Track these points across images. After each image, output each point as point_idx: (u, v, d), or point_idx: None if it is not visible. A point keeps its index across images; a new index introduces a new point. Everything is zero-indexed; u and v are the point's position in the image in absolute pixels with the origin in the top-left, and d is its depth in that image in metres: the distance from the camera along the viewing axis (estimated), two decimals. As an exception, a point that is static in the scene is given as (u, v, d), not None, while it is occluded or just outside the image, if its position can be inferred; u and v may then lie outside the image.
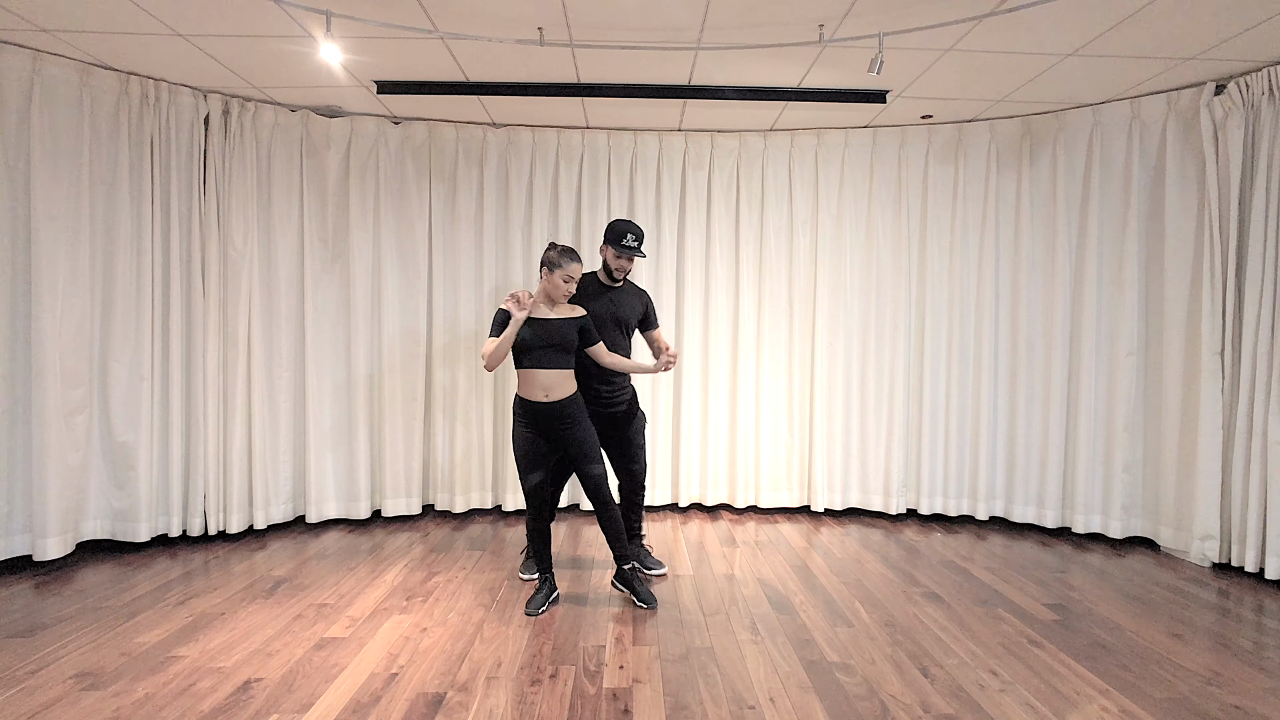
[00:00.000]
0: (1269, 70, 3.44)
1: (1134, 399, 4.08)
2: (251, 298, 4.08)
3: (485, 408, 4.56)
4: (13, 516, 3.46)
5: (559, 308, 3.08)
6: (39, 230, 3.42)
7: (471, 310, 4.55)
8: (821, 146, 4.62)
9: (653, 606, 3.08)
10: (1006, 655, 2.66)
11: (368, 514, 4.46)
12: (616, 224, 3.22)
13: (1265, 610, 3.15)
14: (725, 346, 4.73)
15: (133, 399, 3.77)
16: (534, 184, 4.57)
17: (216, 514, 3.98)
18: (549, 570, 3.14)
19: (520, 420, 3.08)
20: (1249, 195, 3.59)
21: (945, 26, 3.08)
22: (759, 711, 2.25)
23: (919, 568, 3.67)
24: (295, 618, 2.95)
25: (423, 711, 2.23)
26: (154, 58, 3.51)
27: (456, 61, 3.58)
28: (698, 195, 4.71)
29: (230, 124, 4.00)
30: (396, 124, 4.43)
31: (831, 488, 4.68)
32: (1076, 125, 4.17)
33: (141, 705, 2.25)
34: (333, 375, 4.39)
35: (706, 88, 3.90)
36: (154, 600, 3.13)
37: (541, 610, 3.02)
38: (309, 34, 3.23)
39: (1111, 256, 4.14)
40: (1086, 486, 4.18)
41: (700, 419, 4.72)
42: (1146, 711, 2.27)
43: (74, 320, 3.56)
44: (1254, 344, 3.52)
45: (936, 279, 4.55)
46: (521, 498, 4.59)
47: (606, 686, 2.39)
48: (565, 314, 3.07)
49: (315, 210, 4.32)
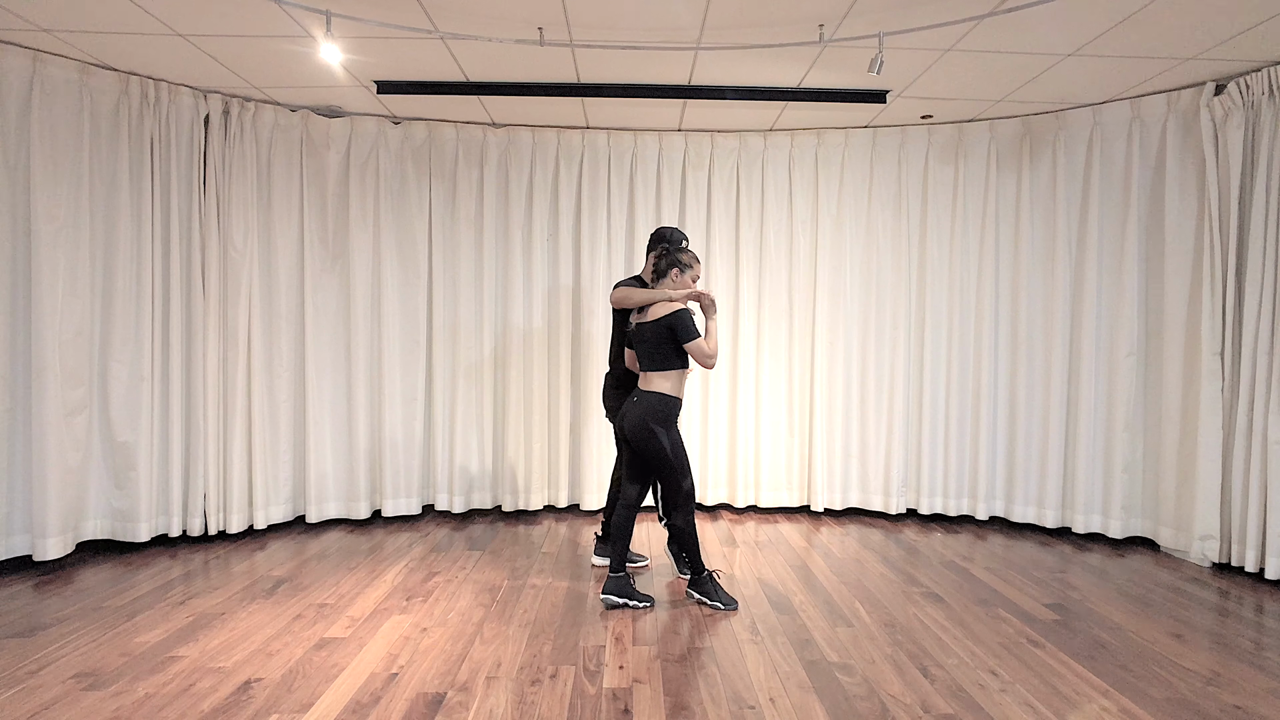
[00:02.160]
0: (1269, 70, 3.44)
1: (1134, 399, 4.08)
2: (251, 298, 4.08)
3: (486, 408, 4.56)
4: (13, 516, 3.46)
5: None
6: (39, 230, 3.42)
7: (472, 310, 4.55)
8: (821, 146, 4.62)
9: (733, 608, 3.08)
10: (1006, 655, 2.66)
11: (368, 514, 4.46)
12: (662, 231, 3.36)
13: (1265, 610, 3.15)
14: (725, 346, 4.72)
15: (133, 399, 3.77)
16: (534, 184, 4.57)
17: (216, 514, 3.98)
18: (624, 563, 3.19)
19: (675, 423, 3.07)
20: (1249, 195, 3.58)
21: (945, 26, 3.08)
22: (759, 711, 2.25)
23: (919, 568, 3.67)
24: (295, 618, 2.95)
25: (423, 711, 2.23)
26: (154, 58, 3.51)
27: (456, 61, 3.58)
28: (698, 195, 4.71)
29: (230, 124, 4.00)
30: (396, 124, 4.43)
31: (831, 487, 4.68)
32: (1076, 125, 4.17)
33: (141, 705, 2.25)
34: (333, 375, 4.39)
35: (706, 88, 3.90)
36: (154, 600, 3.13)
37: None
38: (309, 34, 3.23)
39: (1111, 256, 4.14)
40: (1086, 486, 4.18)
41: (700, 419, 4.72)
42: (1146, 711, 2.27)
43: (74, 320, 3.56)
44: (1254, 344, 3.52)
45: (936, 279, 4.55)
46: (523, 500, 4.59)
47: (606, 686, 2.39)
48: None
49: (315, 210, 4.32)
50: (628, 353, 3.38)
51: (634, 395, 3.09)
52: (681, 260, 3.10)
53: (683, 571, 3.48)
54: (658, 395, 3.01)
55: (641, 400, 3.03)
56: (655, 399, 3.01)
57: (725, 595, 3.09)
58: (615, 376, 3.46)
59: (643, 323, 3.06)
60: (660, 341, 3.00)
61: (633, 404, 3.06)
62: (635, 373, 3.41)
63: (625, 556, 3.13)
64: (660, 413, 3.00)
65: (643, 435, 2.99)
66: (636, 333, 3.08)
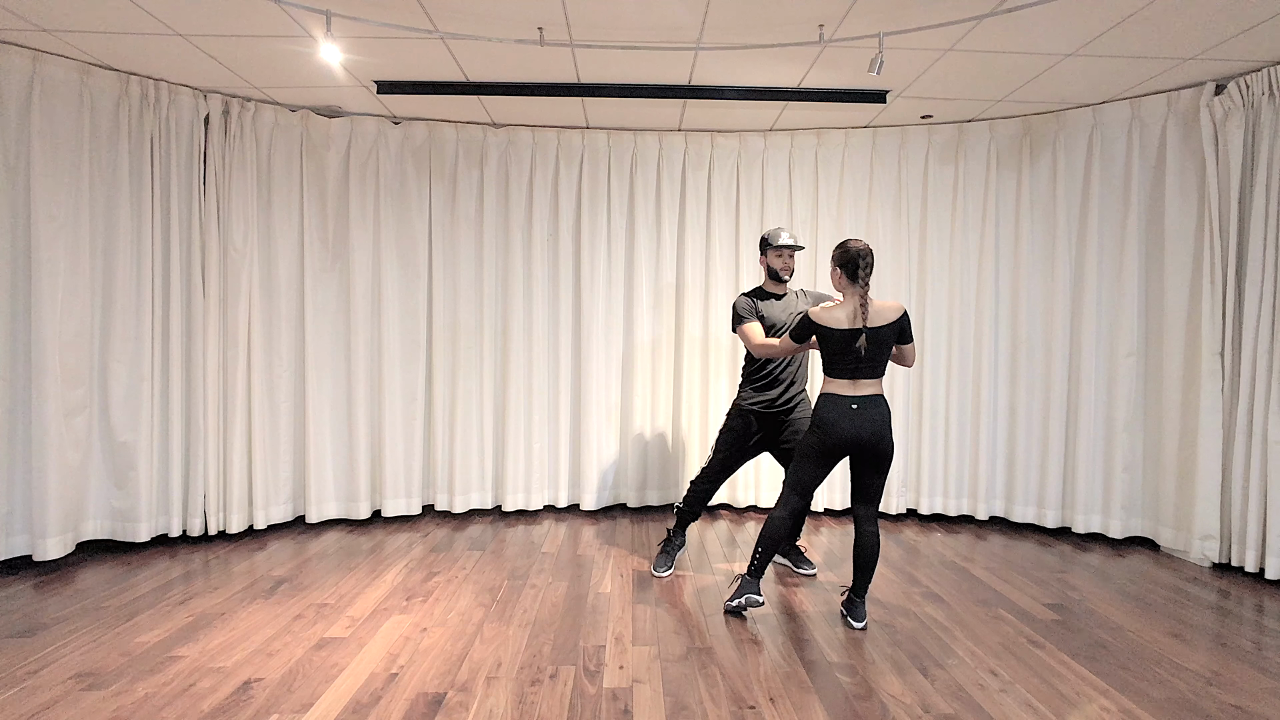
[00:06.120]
0: (1269, 70, 3.44)
1: (1134, 399, 4.08)
2: (251, 298, 4.08)
3: (486, 408, 4.56)
4: (13, 516, 3.46)
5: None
6: (39, 230, 3.42)
7: (472, 310, 4.55)
8: (821, 146, 4.62)
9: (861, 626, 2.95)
10: (1006, 655, 2.66)
11: (368, 514, 4.45)
12: (767, 233, 3.43)
13: (1265, 610, 3.15)
14: (726, 346, 4.72)
15: (133, 399, 3.77)
16: (534, 184, 4.57)
17: (216, 514, 3.98)
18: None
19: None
20: (1249, 195, 3.58)
21: (945, 26, 3.08)
22: (759, 711, 2.25)
23: (919, 568, 3.67)
24: (295, 618, 2.95)
25: (423, 711, 2.23)
26: (154, 58, 3.51)
27: (456, 61, 3.58)
28: (698, 195, 4.71)
29: (230, 124, 4.00)
30: (396, 124, 4.43)
31: (831, 487, 4.68)
32: (1076, 125, 4.17)
33: (141, 705, 2.25)
34: (333, 375, 4.39)
35: (706, 88, 3.90)
36: (154, 600, 3.13)
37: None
38: (309, 34, 3.23)
39: (1111, 256, 4.14)
40: (1086, 486, 4.18)
41: (700, 418, 4.72)
42: (1146, 711, 2.27)
43: (74, 320, 3.56)
44: (1254, 344, 3.52)
45: (936, 279, 4.55)
46: (523, 500, 4.59)
47: (606, 686, 2.39)
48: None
49: (315, 210, 4.32)
50: (772, 344, 3.19)
51: (866, 403, 2.84)
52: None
53: (801, 566, 3.59)
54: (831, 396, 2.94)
55: (884, 406, 2.87)
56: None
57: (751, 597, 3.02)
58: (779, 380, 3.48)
59: (877, 327, 2.84)
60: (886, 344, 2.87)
61: (877, 410, 2.84)
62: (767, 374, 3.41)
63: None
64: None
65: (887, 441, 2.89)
66: (873, 335, 2.83)
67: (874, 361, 2.84)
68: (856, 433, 2.82)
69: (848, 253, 2.85)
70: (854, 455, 2.89)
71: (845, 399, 2.84)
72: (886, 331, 2.81)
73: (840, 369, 2.86)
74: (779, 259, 3.37)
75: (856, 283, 2.83)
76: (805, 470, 2.95)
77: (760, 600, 2.97)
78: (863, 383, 2.85)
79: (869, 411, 2.82)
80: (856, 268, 2.82)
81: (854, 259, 2.83)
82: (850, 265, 2.84)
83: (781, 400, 3.43)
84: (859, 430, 2.82)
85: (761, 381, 3.43)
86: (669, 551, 3.61)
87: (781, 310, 3.40)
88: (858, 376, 2.84)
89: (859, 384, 2.85)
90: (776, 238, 3.36)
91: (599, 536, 4.16)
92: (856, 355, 2.82)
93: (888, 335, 2.82)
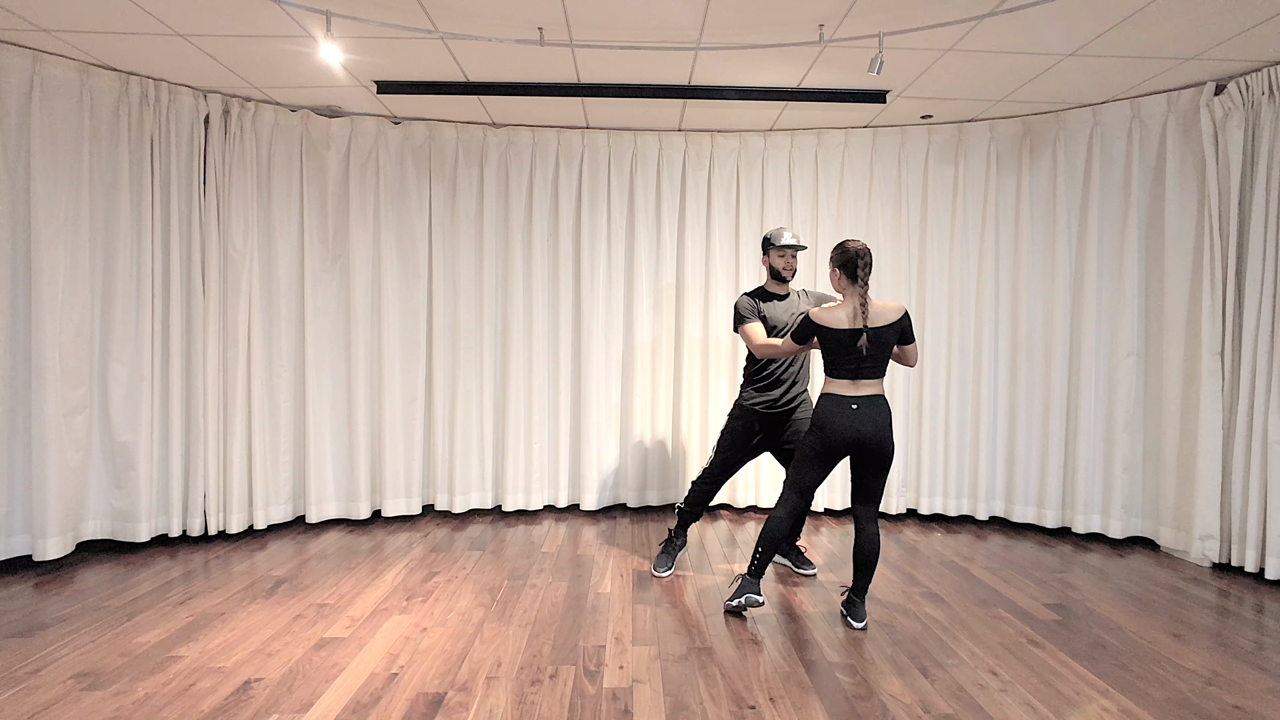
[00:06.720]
0: (1269, 70, 3.44)
1: (1134, 399, 4.08)
2: (251, 298, 4.08)
3: (486, 408, 4.56)
4: (13, 516, 3.46)
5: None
6: (39, 230, 3.42)
7: (472, 310, 4.55)
8: (821, 146, 4.62)
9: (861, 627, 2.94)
10: (1006, 655, 2.66)
11: (368, 514, 4.45)
12: (769, 233, 3.42)
13: (1265, 610, 3.15)
14: (726, 346, 4.72)
15: (133, 399, 3.77)
16: (534, 184, 4.57)
17: (216, 514, 3.98)
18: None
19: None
20: (1249, 195, 3.58)
21: (945, 26, 3.08)
22: (759, 711, 2.25)
23: (919, 568, 3.67)
24: (295, 618, 2.95)
25: (423, 711, 2.23)
26: (154, 58, 3.51)
27: (456, 61, 3.58)
28: (698, 195, 4.71)
29: (230, 124, 4.00)
30: (396, 124, 4.43)
31: (831, 487, 4.68)
32: (1076, 125, 4.17)
33: (141, 705, 2.25)
34: (333, 375, 4.39)
35: (706, 88, 3.90)
36: (154, 600, 3.13)
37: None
38: (309, 34, 3.23)
39: (1111, 256, 4.14)
40: (1086, 486, 4.18)
41: (700, 419, 4.72)
42: (1146, 711, 2.27)
43: (74, 320, 3.56)
44: (1254, 344, 3.52)
45: (936, 279, 4.55)
46: (523, 500, 4.59)
47: (606, 686, 2.39)
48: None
49: (315, 210, 4.32)
50: (773, 344, 3.16)
51: (867, 403, 2.83)
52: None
53: (801, 566, 3.59)
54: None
55: (884, 406, 2.86)
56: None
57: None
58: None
59: (878, 327, 2.81)
60: (887, 346, 2.86)
61: (877, 410, 2.83)
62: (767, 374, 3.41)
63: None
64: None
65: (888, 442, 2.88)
66: (875, 336, 2.82)
67: (875, 362, 2.83)
68: (857, 433, 2.82)
69: (846, 253, 2.85)
70: (855, 455, 2.89)
71: (846, 399, 2.84)
72: (887, 332, 2.81)
73: (841, 369, 2.86)
74: (781, 259, 3.37)
75: (856, 283, 2.83)
76: (806, 470, 2.95)
77: (760, 600, 2.97)
78: (864, 383, 2.85)
79: (870, 412, 2.82)
80: (855, 268, 2.82)
81: (853, 259, 2.83)
82: (849, 266, 2.84)
83: (783, 400, 3.43)
84: (860, 430, 2.81)
85: (763, 381, 3.43)
86: (670, 551, 3.61)
87: (784, 310, 3.39)
88: (859, 377, 2.84)
89: (860, 384, 2.85)
90: (779, 238, 3.35)
91: (599, 536, 4.16)
92: (858, 355, 2.81)
93: (889, 336, 2.82)
